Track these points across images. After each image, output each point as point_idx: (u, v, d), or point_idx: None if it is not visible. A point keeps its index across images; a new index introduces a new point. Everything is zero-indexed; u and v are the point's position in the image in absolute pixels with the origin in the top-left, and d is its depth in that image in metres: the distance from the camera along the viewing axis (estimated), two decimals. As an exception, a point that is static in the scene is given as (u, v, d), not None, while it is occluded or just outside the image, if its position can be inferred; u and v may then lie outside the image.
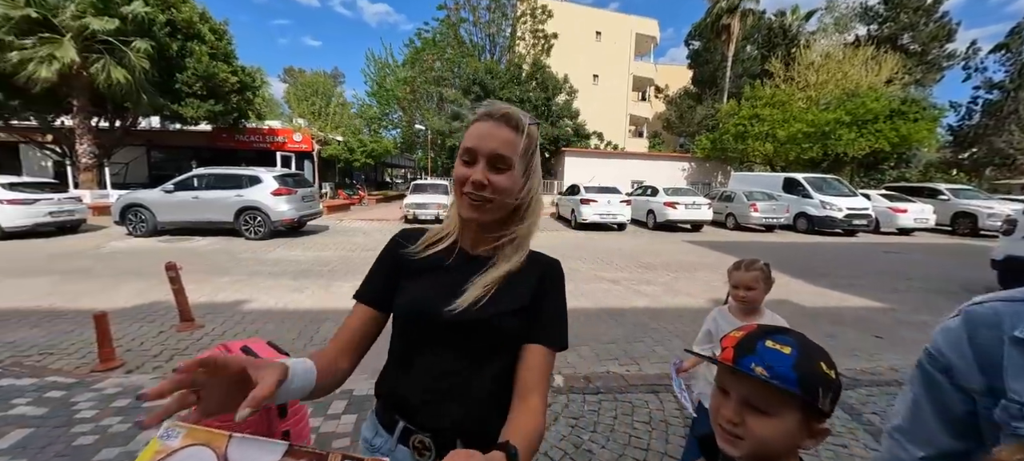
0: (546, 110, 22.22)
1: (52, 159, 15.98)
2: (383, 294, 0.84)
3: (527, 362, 0.78)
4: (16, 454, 2.10)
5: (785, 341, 0.58)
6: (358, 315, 0.83)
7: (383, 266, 0.88)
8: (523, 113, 0.80)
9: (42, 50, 10.85)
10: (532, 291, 0.82)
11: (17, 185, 8.56)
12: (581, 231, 11.91)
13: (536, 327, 0.80)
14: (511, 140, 0.76)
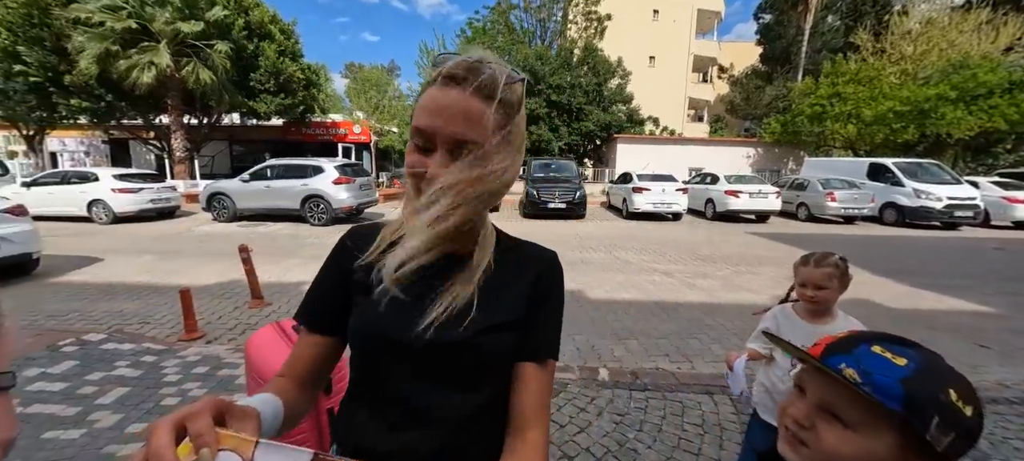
0: (598, 95, 21.52)
1: (154, 153, 18.19)
2: (332, 316, 0.66)
3: (523, 387, 0.62)
4: (116, 409, 2.41)
5: (903, 352, 0.46)
6: (306, 343, 0.67)
7: (327, 279, 0.69)
8: (498, 64, 0.57)
9: (143, 58, 12.31)
10: (527, 297, 0.64)
11: (125, 176, 9.84)
12: (633, 221, 11.48)
13: (529, 340, 0.63)
14: (480, 114, 0.55)
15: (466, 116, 0.54)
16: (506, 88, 0.56)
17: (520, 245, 0.70)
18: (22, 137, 16.54)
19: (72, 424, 2.29)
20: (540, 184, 11.59)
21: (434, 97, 0.56)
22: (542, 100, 20.10)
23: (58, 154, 19.51)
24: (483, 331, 0.59)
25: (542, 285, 0.66)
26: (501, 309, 0.61)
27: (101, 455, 2.06)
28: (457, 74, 0.55)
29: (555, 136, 20.28)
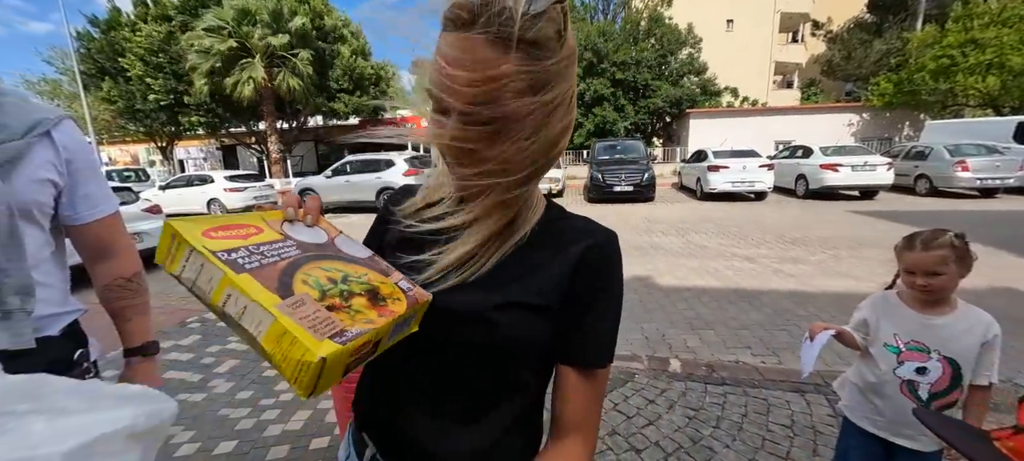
0: (664, 68, 20.10)
1: (255, 156, 20.68)
2: None
3: (564, 395, 0.52)
4: (228, 378, 2.79)
5: None
6: None
7: (372, 236, 0.65)
8: None
9: (243, 74, 13.98)
10: (566, 280, 0.51)
11: (234, 177, 11.31)
12: (709, 202, 10.63)
13: (573, 341, 0.52)
14: (493, 65, 0.41)
15: (483, 71, 0.41)
16: (529, 21, 0.40)
17: (569, 218, 0.57)
18: (157, 148, 19.78)
19: (196, 389, 2.69)
20: (605, 167, 11.18)
21: (441, 50, 0.44)
22: (606, 79, 19.28)
23: (184, 161, 23.01)
24: (500, 307, 0.49)
25: (589, 270, 0.51)
26: (528, 287, 0.50)
27: (218, 416, 2.39)
28: (460, 15, 0.41)
29: (620, 116, 19.41)
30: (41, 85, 21.66)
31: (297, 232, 0.46)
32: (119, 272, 0.97)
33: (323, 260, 0.44)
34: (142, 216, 5.74)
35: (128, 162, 22.49)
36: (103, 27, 15.94)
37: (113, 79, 15.87)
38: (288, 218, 0.49)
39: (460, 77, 0.42)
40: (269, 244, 0.43)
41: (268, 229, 0.44)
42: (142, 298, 1.01)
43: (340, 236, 0.49)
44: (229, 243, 0.41)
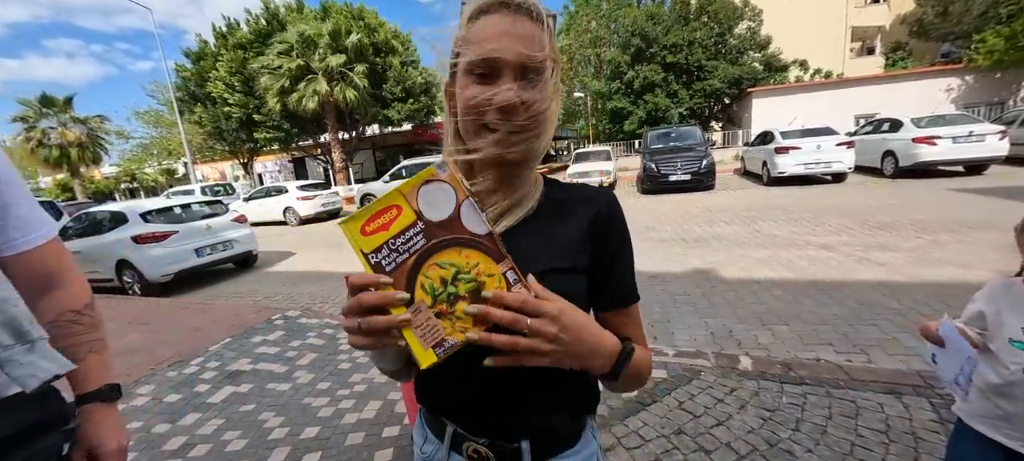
0: (721, 47, 18.80)
1: (321, 166, 22.32)
2: None
3: (617, 329, 0.59)
4: (310, 369, 3.05)
5: None
6: None
7: None
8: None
9: (308, 89, 15.15)
10: (585, 244, 0.59)
11: (305, 186, 12.30)
12: (777, 187, 9.82)
13: (609, 289, 0.61)
14: (537, 36, 0.53)
15: (528, 37, 0.52)
16: (545, 11, 0.54)
17: (568, 188, 0.65)
18: (240, 164, 22.02)
19: (282, 379, 2.98)
20: (659, 156, 10.72)
21: (490, 24, 0.53)
22: (656, 65, 18.45)
23: (262, 174, 25.40)
24: (545, 273, 0.52)
25: (604, 230, 0.61)
26: (553, 256, 0.57)
27: (302, 404, 2.64)
28: (506, 3, 0.53)
29: (673, 102, 18.49)
30: (147, 116, 25.09)
31: (428, 201, 0.47)
32: (68, 305, 0.82)
33: (442, 250, 0.48)
34: (231, 226, 6.45)
35: (217, 178, 25.30)
36: (194, 58, 18.08)
37: (202, 104, 17.95)
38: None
39: (521, 39, 0.52)
40: (403, 232, 0.47)
41: (406, 207, 0.48)
42: (97, 333, 0.85)
43: (466, 202, 0.48)
44: (377, 238, 0.48)
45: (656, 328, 3.26)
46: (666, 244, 5.62)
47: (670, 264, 4.78)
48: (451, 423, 0.63)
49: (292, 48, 15.07)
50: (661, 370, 2.56)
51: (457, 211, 0.48)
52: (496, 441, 0.60)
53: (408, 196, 0.47)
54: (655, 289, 4.07)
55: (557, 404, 0.61)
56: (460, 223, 0.48)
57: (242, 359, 3.32)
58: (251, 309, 4.55)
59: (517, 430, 0.60)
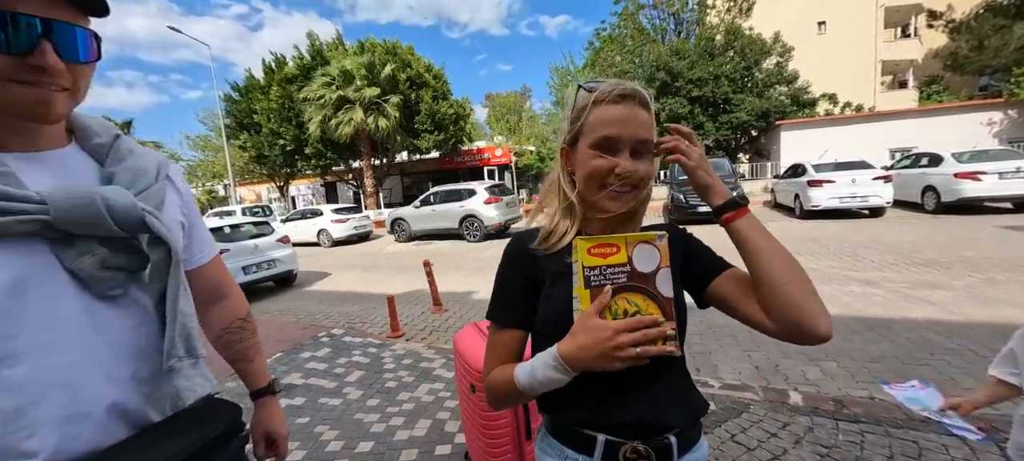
0: (748, 81, 18.87)
1: (352, 190, 23.14)
2: (520, 312, 0.76)
3: (729, 295, 0.75)
4: (358, 386, 3.17)
5: None
6: (506, 338, 0.76)
7: (511, 280, 0.78)
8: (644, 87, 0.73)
9: (345, 117, 15.99)
10: (679, 256, 0.78)
11: (338, 210, 12.80)
12: (811, 220, 9.62)
13: (710, 267, 0.78)
14: (649, 122, 0.71)
15: (642, 123, 0.70)
16: (650, 101, 0.72)
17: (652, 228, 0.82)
18: (277, 187, 23.08)
19: (332, 394, 3.10)
20: (687, 186, 10.72)
21: (614, 111, 0.69)
22: (682, 98, 18.62)
23: (296, 197, 26.47)
24: None
25: (689, 247, 0.83)
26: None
27: (354, 419, 2.74)
28: (630, 93, 0.69)
29: (700, 133, 18.53)
30: (197, 140, 26.89)
31: (640, 254, 0.63)
32: (235, 313, 0.94)
33: (635, 292, 0.63)
34: (277, 246, 6.79)
35: (253, 200, 26.54)
36: (242, 91, 19.43)
37: (247, 132, 19.13)
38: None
39: (638, 123, 0.69)
40: (614, 267, 0.63)
41: (624, 249, 0.63)
42: (257, 336, 0.98)
43: (663, 271, 0.64)
44: (596, 261, 0.63)
45: (698, 360, 3.25)
46: (700, 275, 5.59)
47: (706, 296, 4.75)
48: (602, 433, 0.70)
49: (333, 80, 16.06)
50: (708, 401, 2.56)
51: (656, 271, 0.64)
52: (650, 439, 0.70)
53: (629, 244, 0.63)
54: (693, 320, 4.04)
55: (687, 410, 0.74)
56: (655, 280, 0.63)
57: (293, 373, 3.47)
58: (296, 326, 4.76)
59: (664, 429, 0.71)
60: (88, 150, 0.70)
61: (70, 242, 0.60)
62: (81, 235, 0.60)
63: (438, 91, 18.19)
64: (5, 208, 0.54)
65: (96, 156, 0.70)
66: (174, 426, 0.68)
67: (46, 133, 0.64)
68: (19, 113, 0.58)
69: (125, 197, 0.63)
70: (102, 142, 0.71)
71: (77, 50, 0.58)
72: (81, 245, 0.60)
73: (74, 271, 0.60)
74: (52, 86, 0.57)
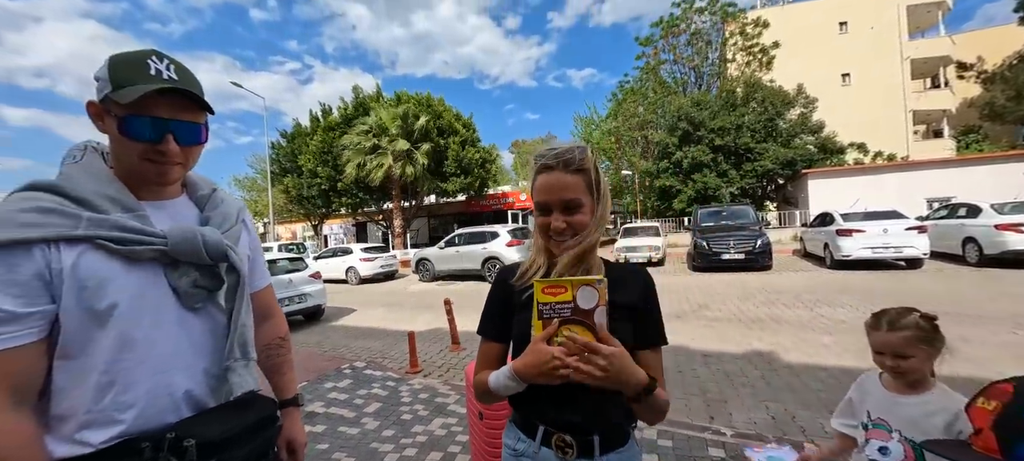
0: (771, 131, 18.93)
1: (381, 230, 24.03)
2: (503, 330, 0.96)
3: (644, 368, 0.82)
4: (375, 417, 3.29)
5: None
6: (491, 349, 0.97)
7: (496, 304, 0.99)
8: (577, 146, 0.87)
9: (376, 162, 17.03)
10: (637, 296, 0.91)
11: (367, 249, 13.32)
12: (842, 271, 9.29)
13: (645, 332, 0.90)
14: (574, 183, 0.86)
15: (566, 185, 0.86)
16: (582, 159, 0.87)
17: (618, 266, 0.97)
18: (312, 226, 24.27)
19: (351, 424, 3.23)
20: (710, 234, 10.64)
21: (543, 180, 0.88)
22: (705, 146, 18.81)
23: (328, 236, 27.65)
24: (610, 320, 0.81)
25: (648, 291, 0.93)
26: (620, 304, 0.87)
27: (369, 448, 2.85)
28: (551, 162, 0.87)
29: (724, 181, 18.47)
30: (245, 181, 29.02)
31: (583, 295, 0.77)
32: (277, 332, 1.13)
33: (576, 324, 0.77)
34: (309, 281, 7.17)
35: (289, 237, 27.90)
36: (289, 137, 21.13)
37: (291, 175, 20.60)
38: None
39: (562, 187, 0.87)
40: (561, 303, 0.78)
41: (570, 290, 0.78)
42: (291, 354, 1.16)
43: (600, 308, 0.76)
44: (549, 298, 0.79)
45: (713, 408, 3.21)
46: (721, 324, 5.50)
47: (726, 344, 4.68)
48: (542, 424, 0.90)
49: (371, 129, 17.35)
50: (718, 449, 2.55)
51: (595, 308, 0.77)
52: (576, 435, 0.87)
53: (574, 286, 0.78)
54: (710, 368, 4.00)
55: (616, 413, 0.88)
56: (593, 315, 0.77)
57: (316, 402, 3.64)
58: (322, 357, 4.97)
59: (590, 427, 0.88)
60: (194, 199, 0.96)
61: (175, 265, 0.83)
62: (184, 261, 0.83)
63: (466, 138, 19.19)
64: (140, 240, 0.78)
65: (198, 204, 0.96)
66: (226, 411, 0.87)
67: (168, 189, 0.90)
68: (149, 180, 0.84)
69: (215, 235, 0.87)
70: (203, 194, 0.97)
71: (190, 138, 0.84)
72: (182, 268, 0.83)
73: (174, 287, 0.83)
74: (170, 163, 0.82)
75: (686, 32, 23.62)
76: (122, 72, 0.77)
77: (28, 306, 0.69)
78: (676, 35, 23.92)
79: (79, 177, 0.80)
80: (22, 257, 0.69)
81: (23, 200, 0.73)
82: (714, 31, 24.04)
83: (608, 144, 28.15)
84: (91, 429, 0.74)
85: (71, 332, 0.73)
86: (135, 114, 0.76)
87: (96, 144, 0.88)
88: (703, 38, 23.78)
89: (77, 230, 0.73)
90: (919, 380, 1.14)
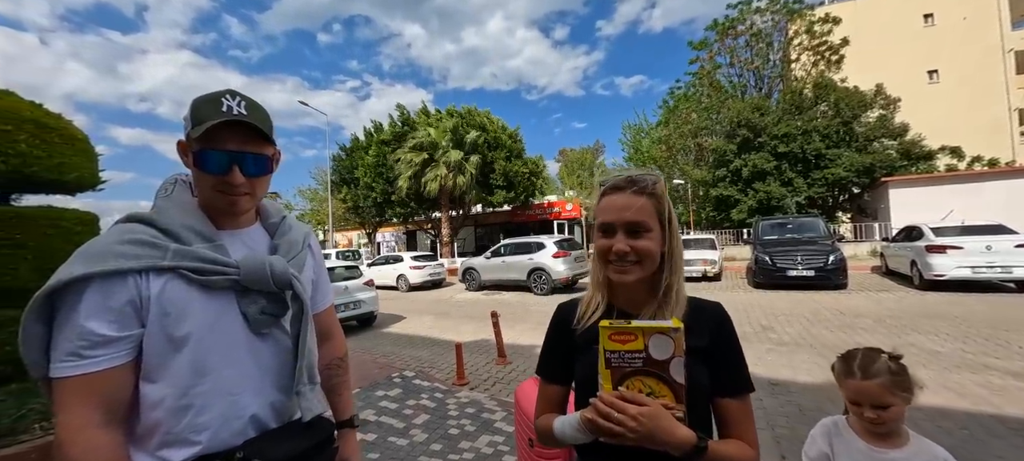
0: (845, 135, 17.31)
1: (430, 239, 24.83)
2: (564, 371, 0.92)
3: (724, 420, 0.80)
4: (424, 429, 3.33)
5: None
6: (551, 391, 0.92)
7: (555, 343, 0.95)
8: (650, 172, 0.84)
9: (431, 174, 17.72)
10: (709, 337, 0.83)
11: (417, 257, 13.80)
12: (934, 292, 8.21)
13: (721, 378, 0.81)
14: (642, 205, 0.81)
15: (635, 208, 0.81)
16: (654, 186, 0.83)
17: (697, 301, 0.89)
18: (366, 234, 25.60)
19: (399, 434, 3.29)
20: (774, 248, 9.87)
21: (610, 200, 0.84)
22: (767, 153, 17.57)
23: (381, 243, 29.00)
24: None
25: (721, 330, 0.85)
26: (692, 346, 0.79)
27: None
28: (621, 185, 0.84)
29: (789, 190, 17.10)
30: (307, 192, 31.41)
31: (655, 344, 0.71)
32: (336, 353, 1.14)
33: (649, 376, 0.72)
34: (363, 288, 7.52)
35: (346, 244, 29.61)
36: (347, 151, 22.57)
37: (348, 186, 21.96)
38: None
39: (631, 208, 0.81)
40: (631, 353, 0.72)
41: (641, 338, 0.71)
42: (349, 375, 1.17)
43: (676, 359, 0.70)
44: (616, 346, 0.73)
45: (784, 446, 2.92)
46: (789, 349, 5.04)
47: (796, 372, 4.27)
48: None
49: (422, 145, 18.17)
50: (793, 494, 2.29)
51: (670, 359, 0.71)
52: None
53: (645, 333, 0.72)
54: (778, 399, 3.66)
55: None
56: (668, 367, 0.71)
57: (367, 410, 3.75)
58: (373, 365, 5.14)
59: None
60: (266, 227, 1.01)
61: (245, 293, 0.87)
62: (253, 289, 0.87)
63: (513, 151, 19.43)
64: (216, 270, 0.83)
65: (269, 231, 1.01)
66: (289, 431, 0.90)
67: (243, 218, 0.95)
68: (220, 210, 0.89)
69: (282, 265, 0.91)
70: (274, 222, 1.02)
71: (256, 169, 0.88)
72: (252, 296, 0.87)
73: (244, 313, 0.86)
74: (238, 194, 0.86)
75: (745, 34, 22.34)
76: (200, 111, 0.82)
77: (121, 331, 0.75)
78: (733, 37, 22.68)
79: (169, 210, 0.86)
80: (118, 285, 0.75)
81: (122, 232, 0.80)
82: (776, 30, 22.55)
83: (659, 152, 27.17)
84: (171, 448, 0.78)
85: (152, 355, 0.77)
86: (206, 148, 0.82)
87: (185, 176, 0.95)
88: (764, 39, 22.35)
89: (164, 261, 0.78)
90: (895, 430, 1.07)
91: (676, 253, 0.86)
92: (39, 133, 2.46)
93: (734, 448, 0.78)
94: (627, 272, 0.82)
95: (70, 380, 0.71)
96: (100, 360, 0.73)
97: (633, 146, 32.00)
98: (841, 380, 1.11)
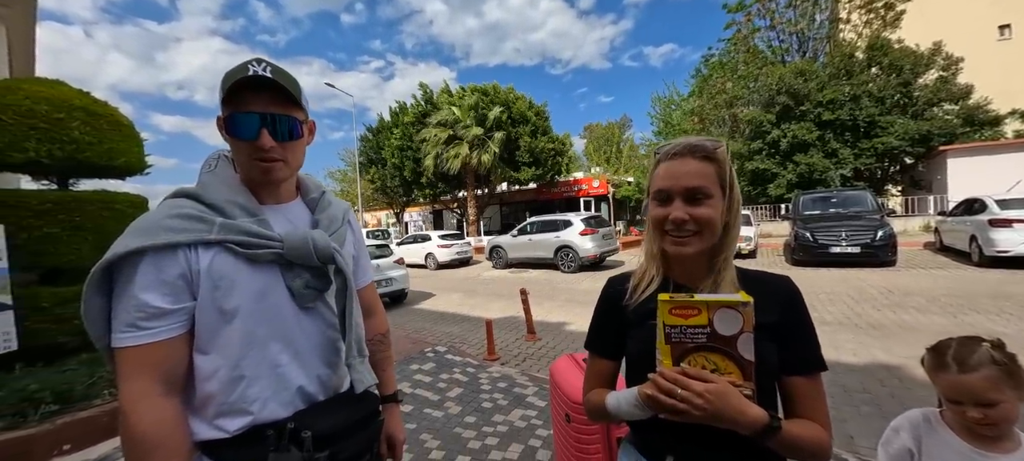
0: (903, 99, 15.97)
1: (456, 217, 25.08)
2: (614, 346, 0.89)
3: (795, 400, 0.76)
4: (457, 402, 3.41)
5: None
6: (601, 366, 0.90)
7: (605, 318, 0.92)
8: (709, 140, 0.78)
9: (453, 151, 17.69)
10: (779, 313, 0.77)
11: (445, 236, 13.99)
12: (995, 270, 7.61)
13: (793, 356, 0.76)
14: (702, 171, 0.75)
15: (693, 172, 0.76)
16: (716, 151, 0.77)
17: (752, 272, 0.83)
18: (394, 213, 26.14)
19: (435, 406, 3.38)
20: (816, 223, 9.37)
21: (666, 167, 0.79)
22: (809, 123, 16.48)
23: (408, 223, 29.57)
24: None
25: (789, 306, 0.79)
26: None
27: (453, 433, 2.95)
28: (679, 150, 0.78)
29: (833, 162, 16.05)
30: (336, 173, 32.22)
31: (721, 318, 0.66)
32: (378, 329, 1.15)
33: (713, 352, 0.67)
34: (394, 266, 7.71)
35: (375, 224, 30.38)
36: (373, 132, 22.88)
37: (375, 166, 22.33)
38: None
39: (688, 173, 0.76)
40: (694, 327, 0.67)
41: (705, 313, 0.67)
42: (391, 351, 1.19)
43: (745, 335, 0.65)
44: (677, 320, 0.68)
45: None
46: (832, 328, 4.82)
47: (840, 353, 4.08)
48: (671, 455, 0.80)
49: (445, 123, 18.12)
50: (840, 476, 2.21)
51: (738, 335, 0.66)
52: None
53: (710, 307, 0.67)
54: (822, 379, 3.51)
55: (748, 454, 0.76)
56: (735, 343, 0.67)
57: (404, 383, 3.87)
58: (406, 340, 5.29)
59: (720, 453, 0.76)
60: (306, 203, 1.01)
61: (289, 267, 0.87)
62: (297, 263, 0.87)
63: (538, 127, 19.08)
64: (261, 244, 0.83)
65: (310, 207, 1.00)
66: (337, 404, 0.91)
67: (284, 191, 0.95)
68: (258, 180, 0.89)
69: (324, 239, 0.90)
70: (314, 197, 1.01)
71: (285, 133, 0.85)
72: (296, 270, 0.87)
73: (289, 287, 0.86)
74: (270, 159, 0.85)
75: (787, -7, 20.72)
76: (229, 78, 0.81)
77: (175, 303, 0.76)
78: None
79: (213, 185, 0.87)
80: (169, 259, 0.76)
81: (170, 207, 0.81)
82: (824, -12, 20.79)
83: (690, 125, 26.04)
84: (226, 417, 0.80)
85: (204, 328, 0.79)
86: (234, 112, 0.81)
87: (228, 152, 0.95)
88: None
89: (211, 234, 0.79)
90: (1006, 432, 0.90)
91: (734, 225, 0.80)
92: (89, 120, 2.58)
93: (808, 429, 0.72)
94: (686, 244, 0.77)
95: (130, 350, 0.74)
96: (157, 331, 0.75)
97: (663, 119, 30.75)
98: (933, 375, 0.97)
